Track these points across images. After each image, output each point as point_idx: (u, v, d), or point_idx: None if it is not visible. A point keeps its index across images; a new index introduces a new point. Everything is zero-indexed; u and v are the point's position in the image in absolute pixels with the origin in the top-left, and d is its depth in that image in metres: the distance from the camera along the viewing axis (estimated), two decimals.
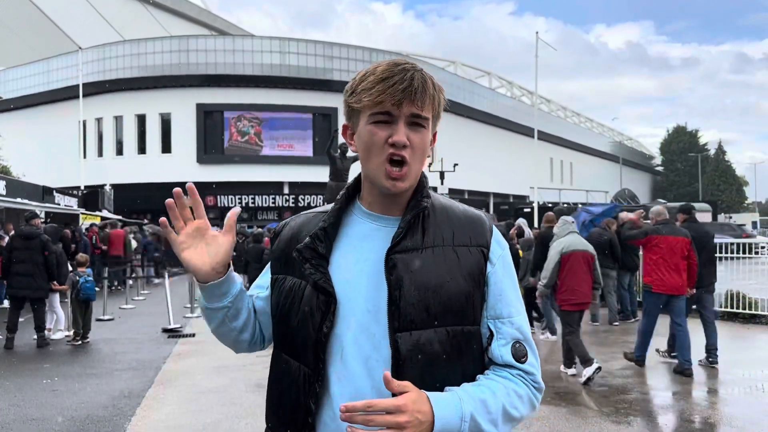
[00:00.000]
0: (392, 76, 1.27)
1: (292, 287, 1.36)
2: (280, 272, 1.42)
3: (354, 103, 1.32)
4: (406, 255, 1.29)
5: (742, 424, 5.24)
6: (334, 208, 1.39)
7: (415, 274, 1.28)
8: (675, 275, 6.77)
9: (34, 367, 7.63)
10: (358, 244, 1.35)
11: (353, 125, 1.37)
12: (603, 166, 66.39)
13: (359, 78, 1.33)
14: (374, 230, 1.36)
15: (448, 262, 1.31)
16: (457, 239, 1.34)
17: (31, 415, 5.57)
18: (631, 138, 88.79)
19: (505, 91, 55.35)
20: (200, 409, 5.74)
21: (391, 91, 1.26)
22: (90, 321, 9.26)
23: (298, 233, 1.41)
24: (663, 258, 6.82)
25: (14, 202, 15.68)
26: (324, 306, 1.29)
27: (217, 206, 36.16)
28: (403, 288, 1.26)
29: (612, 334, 9.29)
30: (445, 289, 1.29)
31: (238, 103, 35.44)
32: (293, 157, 35.73)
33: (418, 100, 1.27)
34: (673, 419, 5.46)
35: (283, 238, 1.45)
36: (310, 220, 1.44)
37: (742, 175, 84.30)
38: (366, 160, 1.33)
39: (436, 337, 1.27)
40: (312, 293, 1.31)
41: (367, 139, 1.31)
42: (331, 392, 1.29)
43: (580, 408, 5.75)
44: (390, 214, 1.36)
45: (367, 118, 1.30)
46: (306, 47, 36.37)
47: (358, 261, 1.33)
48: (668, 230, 6.95)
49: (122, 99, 36.29)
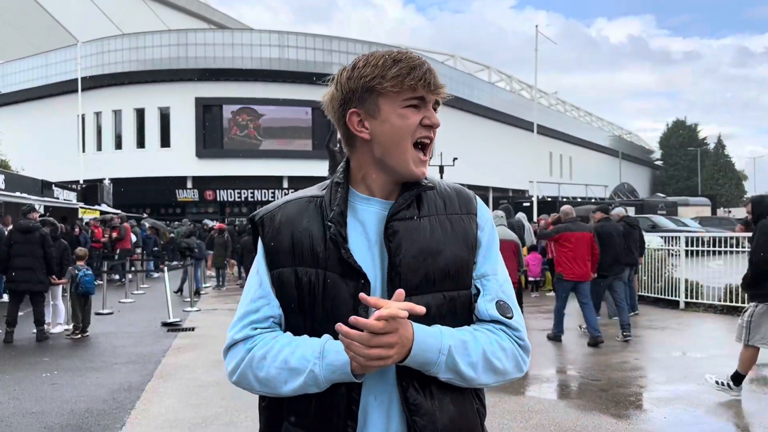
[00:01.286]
0: (421, 65, 1.31)
1: (309, 279, 1.31)
2: (286, 265, 1.34)
3: (386, 87, 1.30)
4: (405, 222, 1.32)
5: (743, 417, 5.26)
6: (342, 193, 1.35)
7: (414, 240, 1.31)
8: (582, 265, 8.03)
9: (33, 360, 7.64)
10: (361, 229, 1.35)
11: (369, 110, 1.33)
12: (602, 161, 66.40)
13: (381, 63, 1.31)
14: (375, 213, 1.36)
15: (443, 229, 1.36)
16: (449, 208, 1.39)
17: (31, 409, 5.57)
18: (630, 132, 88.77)
19: (505, 85, 55.31)
20: (200, 402, 5.75)
21: (425, 78, 1.30)
22: (89, 315, 9.26)
23: (298, 222, 1.36)
24: (572, 251, 8.04)
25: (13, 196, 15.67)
26: (355, 290, 1.27)
27: (216, 200, 36.19)
28: (403, 253, 1.29)
29: (611, 328, 9.30)
30: (442, 255, 1.33)
31: (237, 97, 35.41)
32: (292, 151, 35.72)
33: (439, 88, 1.34)
34: (673, 412, 5.47)
35: (279, 228, 1.36)
36: (304, 207, 1.38)
37: (742, 170, 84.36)
38: (392, 147, 1.32)
39: (434, 302, 1.31)
40: (338, 281, 1.29)
41: (400, 123, 1.31)
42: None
43: (579, 401, 5.77)
44: (389, 198, 1.37)
45: (399, 102, 1.31)
46: (305, 41, 36.30)
47: (364, 243, 1.34)
48: (575, 227, 8.20)
49: (121, 93, 36.24)
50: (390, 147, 1.32)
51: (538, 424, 5.04)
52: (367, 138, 1.34)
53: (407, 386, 1.29)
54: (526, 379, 6.52)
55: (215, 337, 9.00)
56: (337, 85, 1.36)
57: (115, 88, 36.36)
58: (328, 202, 1.35)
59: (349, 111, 1.35)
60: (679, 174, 79.19)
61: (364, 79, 1.31)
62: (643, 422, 5.11)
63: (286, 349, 1.29)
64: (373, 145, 1.34)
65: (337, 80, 1.37)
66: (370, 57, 1.33)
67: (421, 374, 1.29)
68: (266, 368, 1.29)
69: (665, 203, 39.60)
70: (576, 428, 4.92)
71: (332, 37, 37.19)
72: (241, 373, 1.33)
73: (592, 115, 74.36)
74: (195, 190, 36.03)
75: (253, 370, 1.31)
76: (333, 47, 36.15)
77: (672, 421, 5.26)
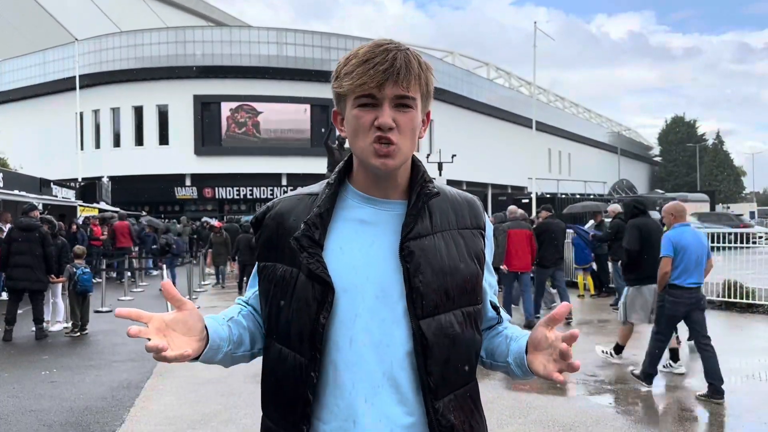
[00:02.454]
0: (373, 57, 1.25)
1: (283, 275, 1.33)
2: (269, 259, 1.37)
3: (338, 87, 1.31)
4: (419, 241, 1.30)
5: (739, 413, 5.27)
6: (329, 192, 1.35)
7: (431, 260, 1.30)
8: (522, 258, 9.22)
9: (32, 358, 7.64)
10: (361, 229, 1.33)
11: (341, 110, 1.35)
12: (601, 157, 66.39)
13: (342, 62, 1.31)
14: (375, 214, 1.34)
15: (456, 245, 1.36)
16: (460, 222, 1.39)
17: (30, 407, 5.58)
18: (629, 128, 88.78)
19: (504, 81, 55.26)
20: (199, 399, 5.76)
21: (372, 73, 1.24)
22: (88, 313, 9.26)
23: (285, 218, 1.37)
24: (514, 246, 9.19)
25: (11, 194, 15.64)
26: (320, 296, 1.26)
27: (215, 198, 36.16)
28: (422, 275, 1.28)
29: (610, 324, 9.32)
30: (459, 272, 1.33)
31: (236, 94, 35.34)
32: (291, 148, 35.68)
33: (402, 80, 1.25)
34: (671, 407, 5.49)
35: (268, 224, 1.40)
36: (296, 204, 1.39)
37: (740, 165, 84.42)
38: (354, 144, 1.31)
39: (455, 319, 1.32)
40: (306, 282, 1.28)
41: (353, 123, 1.29)
42: (341, 380, 1.28)
43: (578, 396, 5.78)
44: (389, 198, 1.35)
45: (352, 101, 1.28)
46: (303, 38, 36.25)
47: (363, 246, 1.31)
48: (516, 225, 9.39)
49: (119, 90, 36.17)
50: (353, 144, 1.32)
51: (536, 420, 5.05)
52: (345, 135, 1.37)
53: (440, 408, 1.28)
54: None
55: None
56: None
57: (113, 86, 36.29)
58: (315, 203, 1.36)
59: (334, 110, 1.39)
60: (678, 170, 79.20)
61: (333, 80, 1.33)
62: (643, 418, 5.12)
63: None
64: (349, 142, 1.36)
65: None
66: (350, 51, 1.33)
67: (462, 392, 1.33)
68: None
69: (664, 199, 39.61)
70: (575, 424, 4.93)
71: (330, 34, 37.15)
72: None
73: (591, 111, 74.37)
74: (194, 188, 36.01)
75: None
76: (331, 44, 36.10)
77: (673, 416, 5.28)
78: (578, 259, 12.95)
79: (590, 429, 4.82)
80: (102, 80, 36.19)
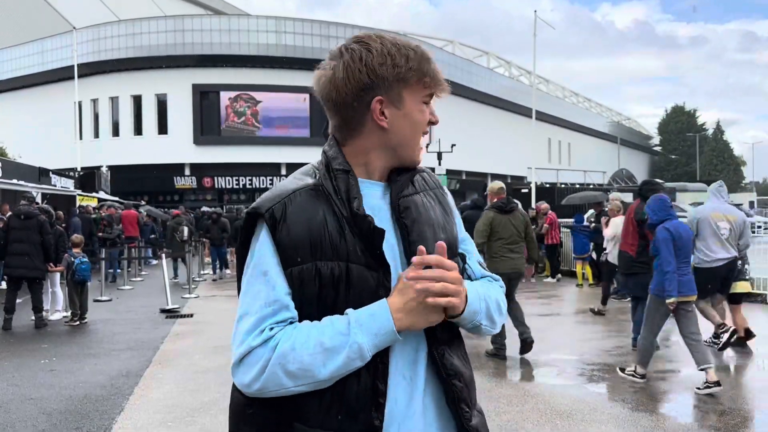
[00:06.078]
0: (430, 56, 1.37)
1: (332, 273, 1.24)
2: (306, 260, 1.25)
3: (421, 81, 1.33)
4: (410, 198, 1.37)
5: (738, 402, 5.29)
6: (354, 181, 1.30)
7: (421, 214, 1.36)
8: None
9: (32, 347, 7.66)
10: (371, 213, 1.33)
11: (393, 99, 1.31)
12: (601, 146, 66.33)
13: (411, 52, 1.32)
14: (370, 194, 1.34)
15: (433, 202, 1.42)
16: (429, 183, 1.46)
17: (30, 395, 5.60)
18: (629, 118, 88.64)
19: (504, 71, 55.08)
20: (198, 388, 5.78)
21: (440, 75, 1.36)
22: (86, 302, 9.28)
23: (313, 213, 1.27)
24: None
25: (10, 183, 15.63)
26: (377, 281, 1.26)
27: (214, 188, 36.14)
28: (417, 228, 1.33)
29: (608, 313, 9.34)
30: (442, 225, 1.40)
31: (235, 83, 35.24)
32: (290, 138, 35.61)
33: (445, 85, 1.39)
34: (670, 396, 5.51)
35: (296, 220, 1.26)
36: (315, 197, 1.29)
37: (741, 155, 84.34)
38: (410, 138, 1.35)
39: None
40: (363, 271, 1.25)
41: (420, 118, 1.35)
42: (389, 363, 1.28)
43: (575, 385, 5.80)
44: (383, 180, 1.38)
45: (422, 96, 1.34)
46: (302, 26, 36.10)
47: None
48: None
49: (118, 79, 36.07)
50: (408, 138, 1.34)
51: (533, 408, 5.07)
52: (385, 127, 1.31)
53: (443, 352, 1.32)
54: (522, 363, 6.55)
55: (213, 323, 9.03)
56: (363, 69, 1.27)
57: (111, 75, 36.18)
58: (344, 192, 1.28)
59: (376, 98, 1.29)
60: (678, 160, 79.14)
61: (398, 69, 1.28)
62: (640, 406, 5.14)
63: (314, 332, 1.22)
64: (390, 134, 1.32)
65: (364, 63, 1.28)
66: (393, 46, 1.30)
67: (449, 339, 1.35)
68: (298, 359, 1.20)
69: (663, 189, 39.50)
70: (572, 412, 4.95)
71: (330, 23, 36.99)
72: (268, 375, 1.20)
73: (591, 100, 74.19)
74: (193, 177, 35.97)
75: (283, 367, 1.20)
76: (331, 33, 35.94)
77: (670, 404, 5.30)
78: (577, 249, 12.97)
79: (587, 417, 4.85)
80: (100, 69, 36.07)
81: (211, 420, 4.88)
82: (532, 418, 4.84)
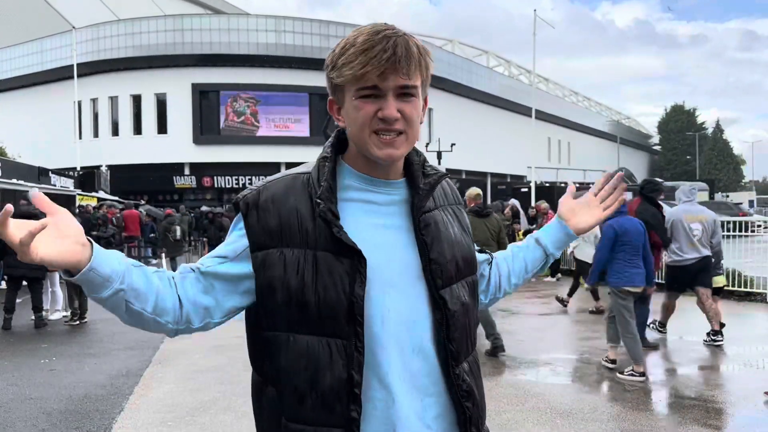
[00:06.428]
0: (374, 45, 1.20)
1: (297, 260, 1.24)
2: (271, 246, 1.26)
3: (336, 78, 1.26)
4: (431, 215, 1.37)
5: (736, 401, 5.29)
6: (330, 167, 1.30)
7: (442, 232, 1.37)
8: None
9: (32, 347, 7.66)
10: (370, 209, 1.32)
11: (338, 100, 1.31)
12: (601, 145, 66.28)
13: (339, 50, 1.26)
14: (381, 195, 1.33)
15: (453, 219, 1.44)
16: (449, 198, 1.47)
17: (29, 395, 5.60)
18: (629, 117, 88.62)
19: (503, 70, 55.04)
20: (198, 387, 5.77)
21: (375, 63, 1.20)
22: (86, 301, 9.27)
23: (285, 199, 1.29)
24: None
25: (10, 183, 15.62)
26: (351, 268, 1.23)
27: (213, 187, 36.09)
28: (438, 246, 1.34)
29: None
30: (461, 244, 1.41)
31: (234, 82, 35.19)
32: (290, 137, 35.57)
33: (404, 69, 1.22)
34: (668, 395, 5.51)
35: (267, 207, 1.28)
36: (291, 184, 1.31)
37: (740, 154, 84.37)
38: (355, 135, 1.29)
39: (465, 289, 1.39)
40: (332, 258, 1.23)
41: (354, 115, 1.26)
42: (378, 359, 1.26)
43: (575, 384, 5.80)
44: (390, 177, 1.35)
45: (353, 92, 1.25)
46: (302, 26, 36.06)
47: (376, 226, 1.31)
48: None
49: (117, 79, 36.01)
50: (356, 135, 1.28)
51: (534, 408, 5.07)
52: (343, 125, 1.33)
53: (460, 373, 1.34)
54: (522, 363, 6.55)
55: None
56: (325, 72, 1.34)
57: (111, 75, 36.12)
58: (316, 179, 1.29)
59: (329, 99, 1.35)
60: (678, 159, 79.17)
61: (327, 68, 1.29)
62: (640, 405, 5.14)
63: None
64: (347, 131, 1.32)
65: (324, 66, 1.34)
66: (340, 48, 1.27)
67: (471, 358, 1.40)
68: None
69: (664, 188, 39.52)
70: (572, 411, 4.95)
71: (329, 22, 36.94)
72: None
73: (590, 99, 74.17)
74: (192, 177, 35.93)
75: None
76: (330, 32, 35.90)
77: (670, 404, 5.30)
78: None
79: (587, 416, 4.85)
80: (100, 69, 36.01)
81: (211, 419, 4.88)
82: (532, 418, 4.84)
